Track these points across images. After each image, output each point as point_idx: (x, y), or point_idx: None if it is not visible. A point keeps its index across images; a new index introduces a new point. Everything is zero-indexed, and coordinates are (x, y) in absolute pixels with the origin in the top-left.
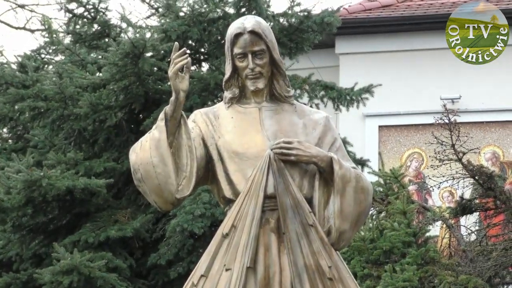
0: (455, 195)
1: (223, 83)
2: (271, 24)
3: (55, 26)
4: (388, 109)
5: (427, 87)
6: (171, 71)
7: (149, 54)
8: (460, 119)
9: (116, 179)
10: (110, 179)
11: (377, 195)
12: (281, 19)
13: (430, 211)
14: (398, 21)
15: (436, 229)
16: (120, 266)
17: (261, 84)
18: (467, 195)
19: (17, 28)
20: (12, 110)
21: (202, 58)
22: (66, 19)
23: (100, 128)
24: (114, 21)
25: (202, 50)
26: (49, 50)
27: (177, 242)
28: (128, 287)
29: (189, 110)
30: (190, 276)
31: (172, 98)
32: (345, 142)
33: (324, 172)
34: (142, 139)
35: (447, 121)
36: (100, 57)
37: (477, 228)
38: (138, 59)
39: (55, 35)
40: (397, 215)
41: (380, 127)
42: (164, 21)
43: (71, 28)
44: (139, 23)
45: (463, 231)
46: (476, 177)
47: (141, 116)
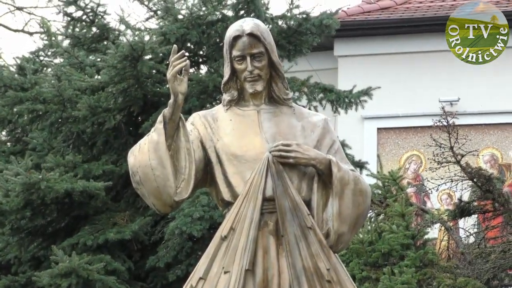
0: (454, 198)
1: (222, 86)
2: (270, 27)
3: (54, 29)
4: (387, 112)
5: (426, 90)
6: (170, 74)
7: (148, 57)
8: (459, 122)
9: (115, 182)
10: (109, 182)
11: (376, 198)
12: (280, 22)
13: (429, 214)
14: (397, 24)
15: (435, 232)
16: (119, 269)
17: (260, 87)
18: (466, 198)
19: (16, 31)
20: (11, 113)
21: (201, 61)
22: (65, 22)
23: (99, 131)
24: (113, 24)
25: (201, 53)
26: (48, 53)
27: (176, 245)
28: None
29: (188, 113)
30: (189, 279)
31: (171, 101)
32: (344, 145)
33: (323, 175)
34: (141, 142)
35: (446, 124)
36: (99, 60)
37: (476, 231)
38: (137, 62)
39: (54, 38)
40: (396, 218)
41: (379, 130)
42: (163, 24)
43: (70, 31)
44: (138, 26)
45: (462, 234)
46: (475, 180)
47: (140, 119)
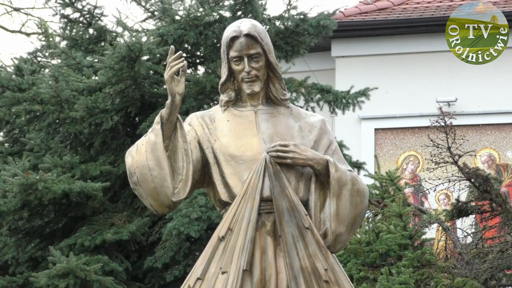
0: (451, 198)
1: (219, 86)
2: (267, 27)
3: (51, 30)
4: (384, 112)
5: (423, 90)
6: (167, 75)
7: (145, 58)
8: (456, 122)
9: (112, 183)
10: (106, 183)
11: (373, 198)
12: (277, 22)
13: (426, 214)
14: (394, 24)
15: (432, 232)
16: (116, 270)
17: (257, 87)
18: (463, 198)
19: (13, 32)
20: (8, 114)
21: (198, 62)
22: (62, 23)
23: (96, 132)
24: (110, 26)
25: (198, 54)
26: (46, 54)
27: (173, 245)
28: None
29: (185, 114)
30: (186, 279)
31: (168, 102)
32: (341, 145)
33: (320, 175)
34: (138, 143)
35: (443, 124)
36: (96, 61)
37: (473, 231)
38: (134, 63)
39: (52, 39)
40: (393, 218)
41: (376, 130)
42: (160, 25)
43: (67, 33)
44: (135, 27)
45: (459, 234)
46: (472, 180)
47: (137, 120)
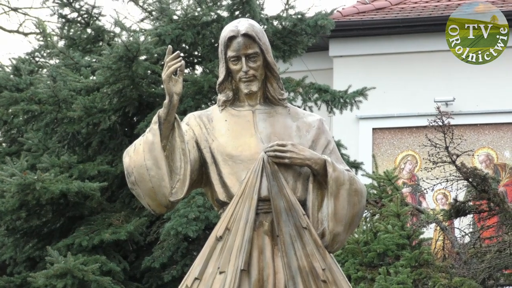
0: (449, 198)
1: (217, 86)
2: (265, 27)
3: (49, 29)
4: (382, 112)
5: (421, 90)
6: (165, 74)
7: (143, 58)
8: (454, 122)
9: (110, 182)
10: (104, 182)
11: (371, 198)
12: (275, 22)
13: (424, 214)
14: (392, 24)
15: (430, 232)
16: (114, 270)
17: (255, 87)
18: (461, 198)
19: (11, 31)
20: (6, 113)
21: (196, 61)
22: (60, 23)
23: (94, 131)
24: (108, 26)
25: (196, 53)
26: (44, 54)
27: (171, 245)
28: None
29: (183, 113)
30: (184, 279)
31: (166, 101)
32: (339, 145)
33: (318, 175)
34: (136, 142)
35: (441, 124)
36: (94, 61)
37: (471, 230)
38: (132, 63)
39: (49, 39)
40: (391, 218)
41: (374, 130)
42: (158, 25)
43: (65, 33)
44: (133, 27)
45: (457, 233)
46: (470, 179)
47: (135, 119)
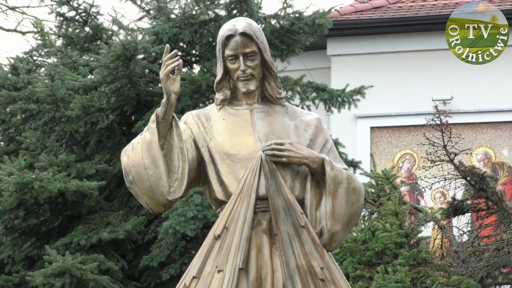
0: (447, 196)
1: (215, 85)
2: (263, 26)
3: (47, 28)
4: (380, 111)
5: (419, 88)
6: (163, 73)
7: (141, 56)
8: (452, 120)
9: (108, 181)
10: (102, 181)
11: (369, 196)
12: (273, 21)
13: (422, 212)
14: (390, 23)
15: (428, 230)
16: (112, 268)
17: (253, 86)
18: (459, 196)
19: (8, 30)
20: (4, 112)
21: (194, 60)
22: (58, 22)
23: (92, 130)
24: (106, 25)
25: (194, 52)
26: (41, 52)
27: (169, 244)
28: None
29: (181, 112)
30: (182, 278)
31: (164, 100)
32: (337, 144)
33: (316, 174)
34: (134, 141)
35: (439, 122)
36: (92, 60)
37: (469, 229)
38: (130, 62)
39: (47, 38)
40: (389, 216)
41: (372, 129)
42: (156, 23)
43: (63, 31)
44: (131, 26)
45: (455, 232)
46: (468, 178)
47: (133, 118)
